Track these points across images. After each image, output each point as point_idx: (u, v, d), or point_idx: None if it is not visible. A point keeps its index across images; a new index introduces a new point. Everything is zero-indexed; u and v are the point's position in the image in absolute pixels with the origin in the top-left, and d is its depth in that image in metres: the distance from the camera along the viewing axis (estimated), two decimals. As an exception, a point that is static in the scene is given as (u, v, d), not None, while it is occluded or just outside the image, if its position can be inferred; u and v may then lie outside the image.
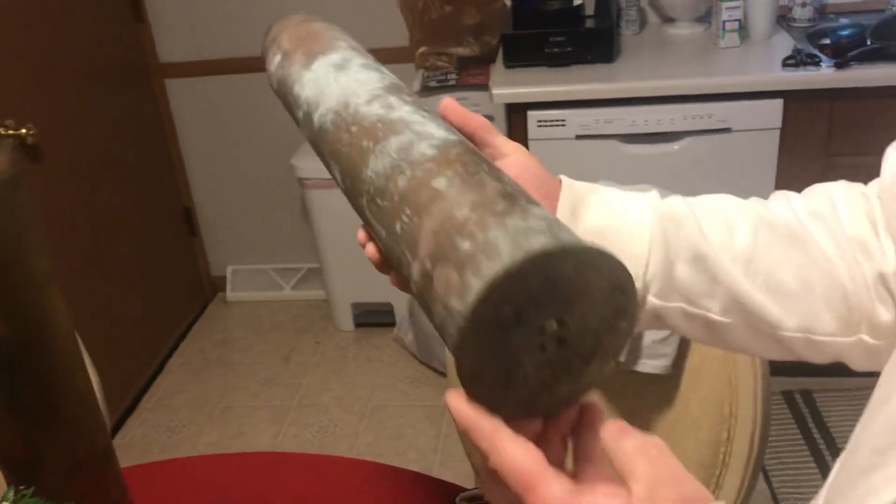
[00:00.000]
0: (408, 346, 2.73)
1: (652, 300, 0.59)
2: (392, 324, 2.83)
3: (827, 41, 2.23)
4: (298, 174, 2.64)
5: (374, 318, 2.88)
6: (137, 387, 2.72)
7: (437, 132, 0.53)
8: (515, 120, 2.15)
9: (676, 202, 0.61)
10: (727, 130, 2.10)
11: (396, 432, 2.44)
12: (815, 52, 2.12)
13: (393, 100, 0.57)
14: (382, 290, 2.76)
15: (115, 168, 2.66)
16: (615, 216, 0.59)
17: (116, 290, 2.63)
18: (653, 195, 0.62)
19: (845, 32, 2.23)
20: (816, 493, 0.52)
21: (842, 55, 2.04)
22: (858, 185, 0.64)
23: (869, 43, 2.11)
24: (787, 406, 2.32)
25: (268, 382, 2.72)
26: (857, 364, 0.62)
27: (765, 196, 0.64)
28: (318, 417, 2.54)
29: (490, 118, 1.55)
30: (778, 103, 2.05)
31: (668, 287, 0.59)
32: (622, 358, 1.25)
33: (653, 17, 2.57)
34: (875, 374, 0.53)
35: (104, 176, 2.59)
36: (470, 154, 0.50)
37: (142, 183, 2.82)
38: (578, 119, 2.14)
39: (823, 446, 2.17)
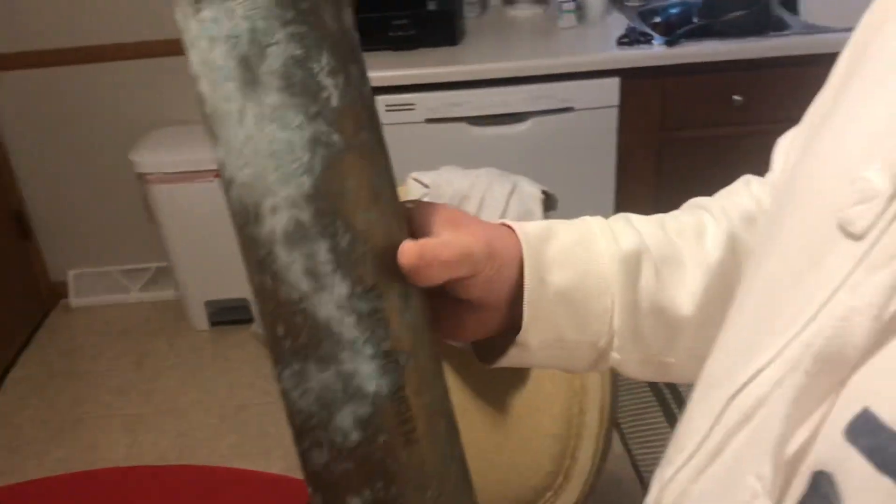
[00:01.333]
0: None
1: (614, 355, 0.59)
2: (249, 320, 2.75)
3: (658, 19, 2.32)
4: (138, 169, 2.51)
5: (229, 315, 2.79)
6: (-27, 407, 2.53)
7: (368, 383, 0.45)
8: (362, 105, 2.12)
9: (631, 241, 0.58)
10: (570, 110, 2.15)
11: (260, 431, 2.38)
12: (648, 30, 2.20)
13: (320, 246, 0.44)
14: (237, 285, 2.68)
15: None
16: (578, 272, 0.57)
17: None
18: (604, 230, 0.59)
19: (674, 11, 2.34)
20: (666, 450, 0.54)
21: (671, 33, 2.13)
22: (764, 181, 0.65)
23: (695, 21, 2.21)
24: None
25: (120, 390, 2.59)
26: None
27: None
28: (177, 423, 2.43)
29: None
30: (615, 81, 2.12)
31: (630, 340, 0.58)
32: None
33: (494, -1, 2.60)
34: None
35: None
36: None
37: (-36, 187, 2.61)
38: (427, 103, 2.14)
39: (673, 403, 2.28)
